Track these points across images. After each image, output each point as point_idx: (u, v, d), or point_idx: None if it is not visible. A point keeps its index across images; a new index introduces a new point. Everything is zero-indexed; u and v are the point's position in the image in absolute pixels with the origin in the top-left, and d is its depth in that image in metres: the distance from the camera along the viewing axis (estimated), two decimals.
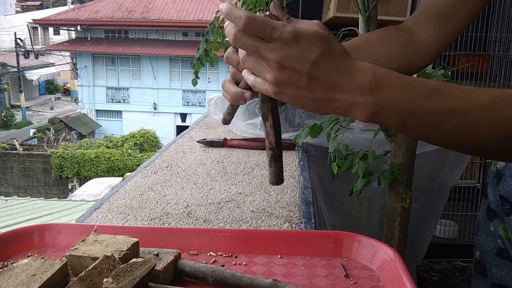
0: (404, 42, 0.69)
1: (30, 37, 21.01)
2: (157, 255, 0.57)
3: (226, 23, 0.49)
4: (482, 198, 0.84)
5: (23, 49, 19.64)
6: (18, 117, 19.49)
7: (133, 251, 0.56)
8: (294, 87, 0.47)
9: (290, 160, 1.31)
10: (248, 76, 0.51)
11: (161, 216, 0.85)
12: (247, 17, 0.46)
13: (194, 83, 1.53)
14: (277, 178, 0.93)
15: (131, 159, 12.49)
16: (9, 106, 19.84)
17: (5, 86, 19.41)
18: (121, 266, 0.50)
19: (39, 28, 25.18)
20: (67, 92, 24.04)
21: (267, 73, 0.47)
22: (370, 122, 0.47)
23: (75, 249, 0.55)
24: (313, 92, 0.46)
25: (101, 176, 11.88)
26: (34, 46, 21.76)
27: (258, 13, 0.53)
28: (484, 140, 0.46)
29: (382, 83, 0.45)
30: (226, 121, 0.88)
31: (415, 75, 0.94)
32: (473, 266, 0.84)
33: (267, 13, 0.53)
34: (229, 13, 0.47)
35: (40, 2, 32.82)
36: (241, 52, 0.50)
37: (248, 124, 1.53)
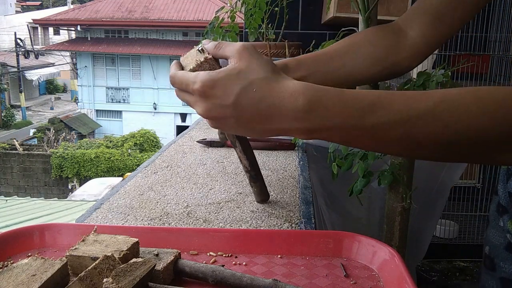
0: (390, 44, 0.69)
1: (30, 37, 21.02)
2: (157, 255, 0.57)
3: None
4: (493, 195, 0.86)
5: (23, 49, 19.64)
6: (18, 117, 19.50)
7: (133, 251, 0.56)
8: (228, 126, 0.49)
9: (290, 160, 1.31)
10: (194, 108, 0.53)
11: (161, 216, 0.85)
12: (170, 76, 0.52)
13: None
14: (262, 196, 0.94)
15: (131, 159, 12.49)
16: (9, 106, 19.85)
17: (5, 86, 19.42)
18: (121, 266, 0.50)
19: (39, 28, 25.19)
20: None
21: (197, 108, 0.50)
22: (311, 139, 0.47)
23: (75, 249, 0.55)
24: (246, 126, 0.47)
25: (101, 176, 11.88)
26: (34, 46, 21.77)
27: (197, 52, 0.54)
28: (432, 145, 0.44)
29: (317, 105, 0.44)
30: (223, 139, 0.87)
31: (416, 75, 0.94)
32: (483, 261, 0.86)
33: (206, 55, 0.53)
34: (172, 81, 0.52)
35: (40, 2, 32.82)
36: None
37: None
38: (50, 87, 24.64)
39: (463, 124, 0.42)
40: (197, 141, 1.46)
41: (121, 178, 9.77)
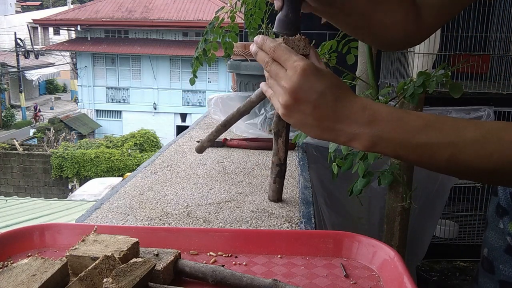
0: (414, 12, 0.71)
1: (30, 37, 21.01)
2: (157, 255, 0.57)
3: (253, 49, 0.60)
4: (491, 196, 0.85)
5: (23, 49, 19.64)
6: (18, 117, 19.49)
7: (133, 251, 0.56)
8: (300, 113, 0.53)
9: (290, 160, 1.31)
10: (266, 89, 0.58)
11: (161, 216, 0.85)
12: (274, 45, 0.57)
13: (192, 82, 1.54)
14: (279, 195, 0.94)
15: (131, 159, 12.49)
16: (9, 106, 19.85)
17: (5, 86, 19.41)
18: (121, 266, 0.50)
19: (39, 28, 25.18)
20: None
21: (280, 96, 0.54)
22: (369, 151, 0.52)
23: (75, 249, 0.55)
24: (317, 120, 0.52)
25: (101, 176, 11.88)
26: (34, 46, 21.76)
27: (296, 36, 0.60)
28: (477, 170, 0.49)
29: (379, 117, 0.50)
30: (201, 149, 0.89)
31: (416, 74, 0.94)
32: (481, 263, 0.85)
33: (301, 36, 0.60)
34: (262, 43, 0.58)
35: (40, 2, 32.82)
36: (266, 72, 0.58)
37: (248, 124, 1.53)
38: (50, 87, 24.63)
39: (506, 155, 0.47)
40: (197, 141, 1.46)
41: (121, 178, 9.77)
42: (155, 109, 17.01)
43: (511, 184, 0.53)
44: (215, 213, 0.87)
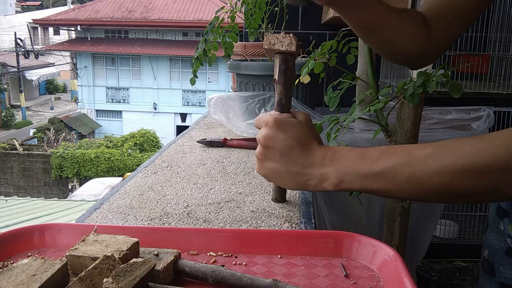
0: (427, 31, 0.72)
1: (30, 37, 21.02)
2: (157, 255, 0.57)
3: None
4: None
5: (23, 49, 19.64)
6: (18, 117, 19.50)
7: (133, 251, 0.56)
8: (271, 161, 0.59)
9: None
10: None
11: (161, 216, 0.85)
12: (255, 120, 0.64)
13: (192, 82, 1.54)
14: (283, 195, 0.94)
15: (131, 159, 12.49)
16: (9, 106, 19.85)
17: (5, 86, 19.41)
18: (121, 266, 0.50)
19: (39, 28, 25.18)
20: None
21: (257, 149, 0.61)
22: (339, 190, 0.56)
23: (75, 249, 0.55)
24: (286, 166, 0.57)
25: (101, 176, 11.88)
26: (34, 46, 21.77)
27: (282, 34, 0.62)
28: (436, 184, 0.50)
29: (339, 155, 0.56)
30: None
31: (416, 75, 0.94)
32: (481, 265, 0.84)
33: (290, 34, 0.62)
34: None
35: (40, 2, 32.81)
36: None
37: (248, 124, 1.53)
38: (50, 87, 24.63)
39: (459, 163, 0.48)
40: (197, 141, 1.46)
41: (121, 178, 9.77)
42: (155, 109, 17.01)
43: (477, 199, 0.54)
44: (215, 213, 0.87)
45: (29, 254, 0.62)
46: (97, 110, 17.59)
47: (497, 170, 0.47)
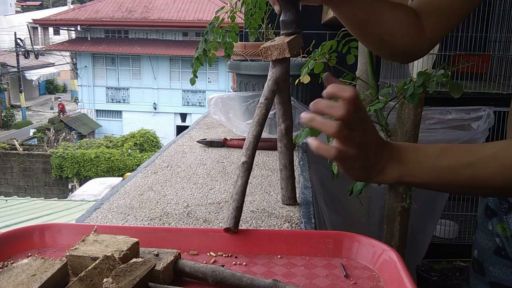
0: (418, 25, 0.73)
1: (30, 37, 21.01)
2: (157, 255, 0.57)
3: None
4: (480, 198, 0.84)
5: (23, 49, 19.64)
6: (18, 117, 19.49)
7: (133, 251, 0.56)
8: (353, 161, 0.55)
9: None
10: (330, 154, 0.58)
11: (161, 216, 0.85)
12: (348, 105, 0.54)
13: (192, 82, 1.54)
14: (295, 197, 0.93)
15: (131, 159, 12.49)
16: (9, 106, 19.84)
17: (5, 86, 19.41)
18: (121, 266, 0.50)
19: (39, 28, 25.18)
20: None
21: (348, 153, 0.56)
22: (400, 184, 0.58)
23: (75, 249, 0.55)
24: (371, 160, 0.56)
25: (101, 176, 11.88)
26: (34, 46, 21.76)
27: None
28: (496, 184, 0.54)
29: (404, 159, 0.57)
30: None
31: (416, 75, 0.94)
32: (471, 265, 0.84)
33: None
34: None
35: (40, 2, 32.81)
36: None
37: (248, 124, 1.53)
38: (50, 87, 24.63)
39: None
40: (197, 141, 1.46)
41: (121, 178, 9.77)
42: (155, 109, 17.00)
43: None
44: (215, 213, 0.87)
45: (29, 254, 0.62)
46: (97, 110, 17.58)
47: None
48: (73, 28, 18.11)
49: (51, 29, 25.29)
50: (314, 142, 0.54)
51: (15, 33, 18.74)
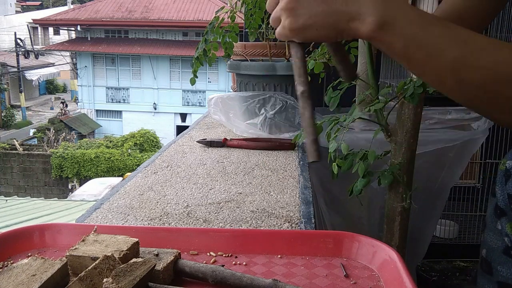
0: None
1: (30, 37, 21.02)
2: (157, 255, 0.57)
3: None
4: (490, 197, 0.85)
5: (23, 49, 19.65)
6: (18, 117, 19.49)
7: (133, 251, 0.56)
8: (306, 3, 0.49)
9: (290, 160, 1.31)
10: (276, 33, 0.53)
11: (161, 216, 0.85)
12: None
13: (192, 82, 1.54)
14: (317, 151, 0.81)
15: (131, 159, 12.49)
16: (9, 106, 19.85)
17: (5, 86, 19.41)
18: (121, 266, 0.50)
19: (39, 28, 25.18)
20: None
21: (281, 4, 0.50)
22: (375, 37, 0.47)
23: (75, 249, 0.55)
24: (325, 3, 0.48)
25: (101, 176, 11.88)
26: (34, 46, 21.77)
27: None
28: (482, 80, 0.46)
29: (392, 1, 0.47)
30: (318, 154, 0.74)
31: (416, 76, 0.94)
32: (479, 264, 0.84)
33: None
34: None
35: (40, 2, 32.81)
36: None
37: (248, 124, 1.54)
38: (50, 87, 24.64)
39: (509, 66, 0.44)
40: (197, 141, 1.46)
41: (121, 178, 9.77)
42: (155, 109, 17.01)
43: (504, 106, 0.48)
44: (215, 213, 0.87)
45: (29, 254, 0.62)
46: (97, 110, 17.59)
47: None
48: (73, 28, 18.11)
49: (51, 29, 25.30)
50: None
51: (15, 33, 18.75)
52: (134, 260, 0.52)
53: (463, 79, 0.46)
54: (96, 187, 9.87)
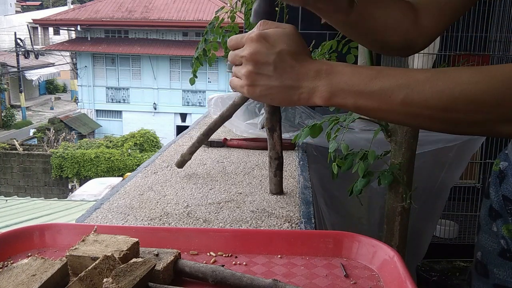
0: (413, 19, 0.72)
1: (30, 37, 21.01)
2: (157, 255, 0.57)
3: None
4: (483, 198, 0.84)
5: (23, 49, 19.64)
6: (18, 117, 19.48)
7: (133, 251, 0.56)
8: (264, 77, 0.55)
9: (290, 160, 1.31)
10: (232, 81, 0.59)
11: (161, 216, 0.85)
12: (228, 41, 0.59)
13: (192, 82, 1.54)
14: (280, 188, 0.95)
15: (131, 159, 12.49)
16: (9, 106, 19.84)
17: (5, 86, 19.40)
18: (121, 266, 0.50)
19: (39, 28, 25.17)
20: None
21: (242, 70, 0.56)
22: (330, 105, 0.54)
23: (75, 249, 0.55)
24: (280, 80, 0.54)
25: (101, 176, 11.87)
26: (34, 46, 21.76)
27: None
28: (431, 109, 0.50)
29: (335, 70, 0.53)
30: (182, 164, 0.90)
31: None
32: (474, 267, 0.84)
33: None
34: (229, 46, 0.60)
35: (40, 2, 32.80)
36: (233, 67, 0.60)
37: (248, 124, 1.53)
38: (50, 87, 24.63)
39: (457, 90, 0.48)
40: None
41: (121, 178, 9.77)
42: (155, 109, 17.00)
43: (467, 130, 0.53)
44: (215, 213, 0.87)
45: (29, 254, 0.62)
46: (97, 110, 17.58)
47: (491, 103, 0.47)
48: (73, 28, 18.10)
49: (51, 29, 25.29)
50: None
51: (15, 33, 18.74)
52: (134, 260, 0.52)
53: (414, 114, 0.52)
54: (96, 187, 9.86)
